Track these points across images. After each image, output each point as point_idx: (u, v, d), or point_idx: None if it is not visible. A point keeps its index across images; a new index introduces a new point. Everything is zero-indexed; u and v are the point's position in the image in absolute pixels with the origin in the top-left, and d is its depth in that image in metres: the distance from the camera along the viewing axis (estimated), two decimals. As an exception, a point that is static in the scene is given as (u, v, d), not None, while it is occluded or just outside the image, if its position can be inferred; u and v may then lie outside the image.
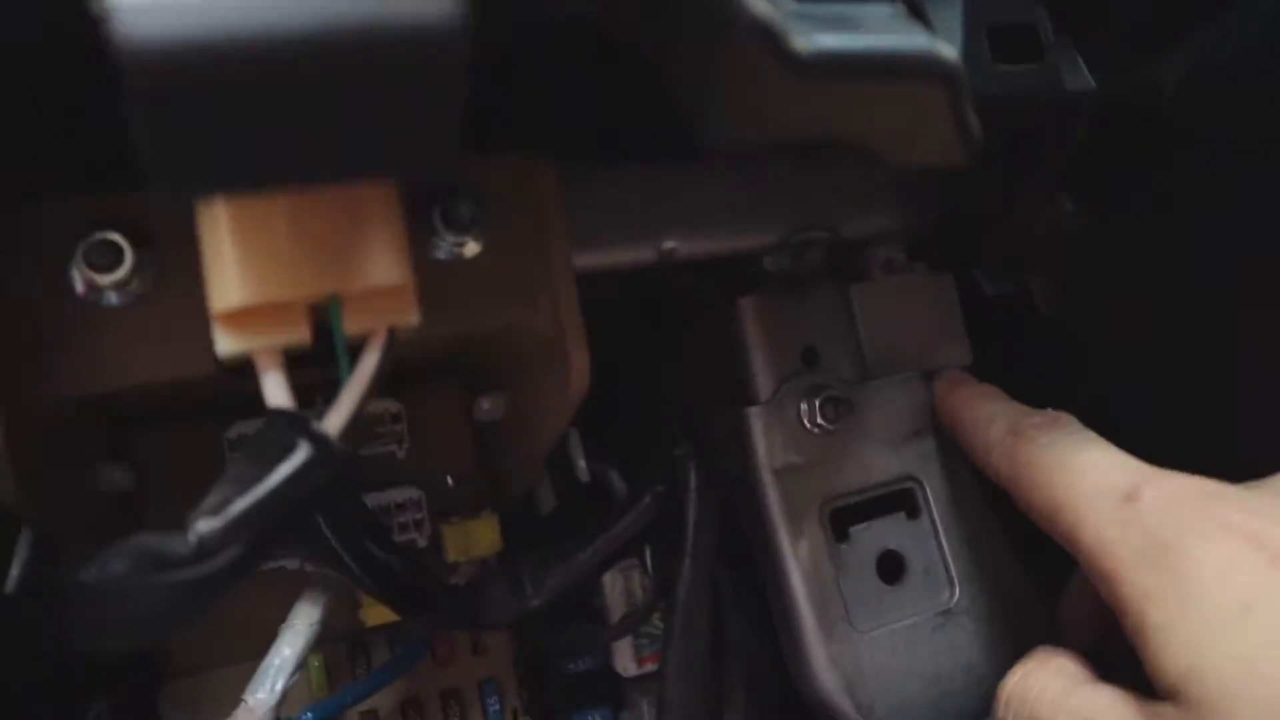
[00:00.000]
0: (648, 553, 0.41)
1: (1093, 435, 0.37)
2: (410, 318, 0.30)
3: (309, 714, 0.41)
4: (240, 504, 0.28)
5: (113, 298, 0.32)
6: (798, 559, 0.43)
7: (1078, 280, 0.53)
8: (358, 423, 0.29)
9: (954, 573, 0.46)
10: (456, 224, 0.36)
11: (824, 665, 0.42)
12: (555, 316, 0.37)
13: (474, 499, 0.49)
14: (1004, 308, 0.55)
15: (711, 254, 0.42)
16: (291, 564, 0.45)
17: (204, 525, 0.27)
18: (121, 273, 0.32)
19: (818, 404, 0.43)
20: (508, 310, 0.37)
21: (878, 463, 0.45)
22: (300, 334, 0.29)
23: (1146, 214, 0.45)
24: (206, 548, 0.27)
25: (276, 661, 0.40)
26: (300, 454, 0.28)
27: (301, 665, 0.41)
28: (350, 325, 0.29)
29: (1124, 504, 0.33)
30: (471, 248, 0.36)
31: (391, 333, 0.30)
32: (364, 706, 0.47)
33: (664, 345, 0.47)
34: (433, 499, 0.48)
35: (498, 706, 0.48)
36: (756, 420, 0.43)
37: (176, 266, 0.33)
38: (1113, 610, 0.34)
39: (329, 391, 0.30)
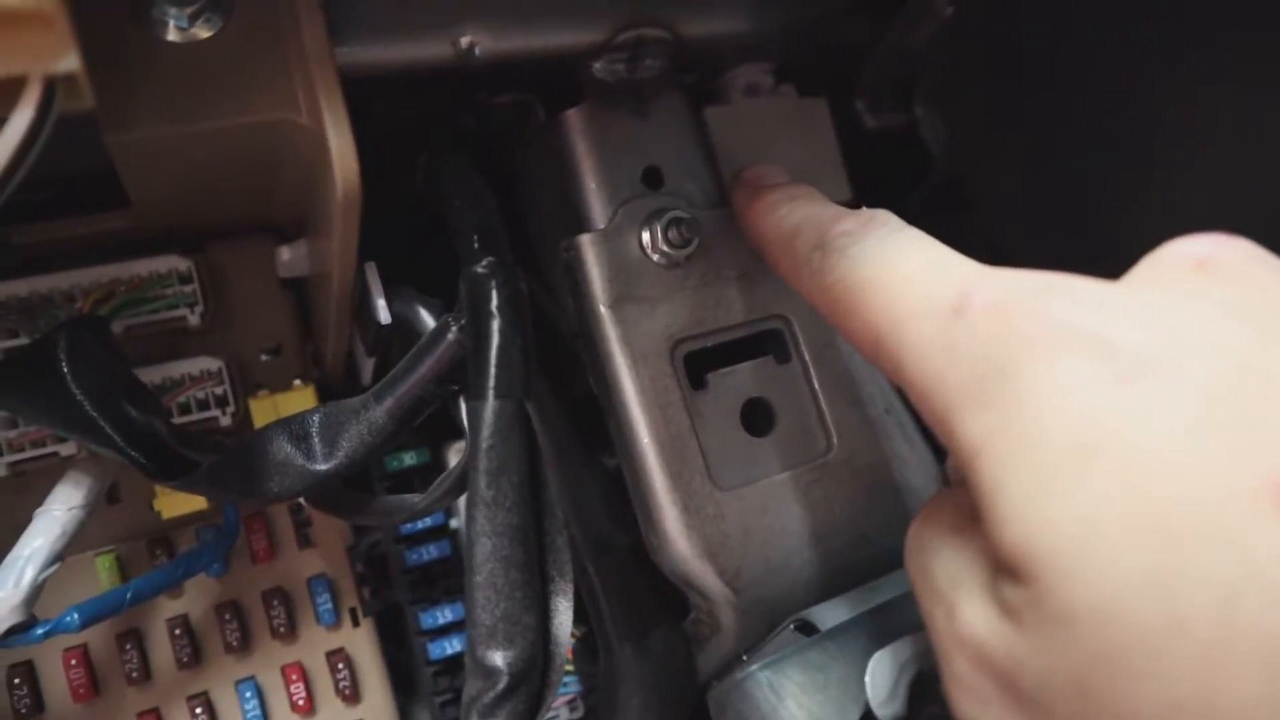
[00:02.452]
0: (462, 406, 0.35)
1: (917, 235, 0.29)
2: (65, 61, 0.23)
3: (74, 614, 0.34)
4: None
5: None
6: (645, 408, 0.37)
7: (967, 111, 0.47)
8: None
9: (829, 421, 0.40)
10: (176, -8, 0.29)
11: (679, 528, 0.37)
12: (316, 106, 0.30)
13: (293, 371, 0.43)
14: (892, 146, 0.49)
15: (522, 52, 0.36)
16: (67, 449, 0.39)
17: None
18: None
19: (660, 227, 0.38)
20: (260, 100, 0.31)
21: (737, 299, 0.40)
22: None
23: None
24: None
25: (25, 552, 0.34)
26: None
27: (60, 558, 0.34)
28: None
29: (952, 319, 0.24)
30: (205, 27, 0.30)
31: (50, 85, 0.23)
32: (172, 612, 0.41)
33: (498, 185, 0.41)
34: (242, 371, 0.42)
35: (330, 605, 0.43)
36: (589, 249, 0.37)
37: None
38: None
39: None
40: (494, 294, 0.32)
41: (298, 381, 0.42)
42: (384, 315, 0.36)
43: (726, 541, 0.37)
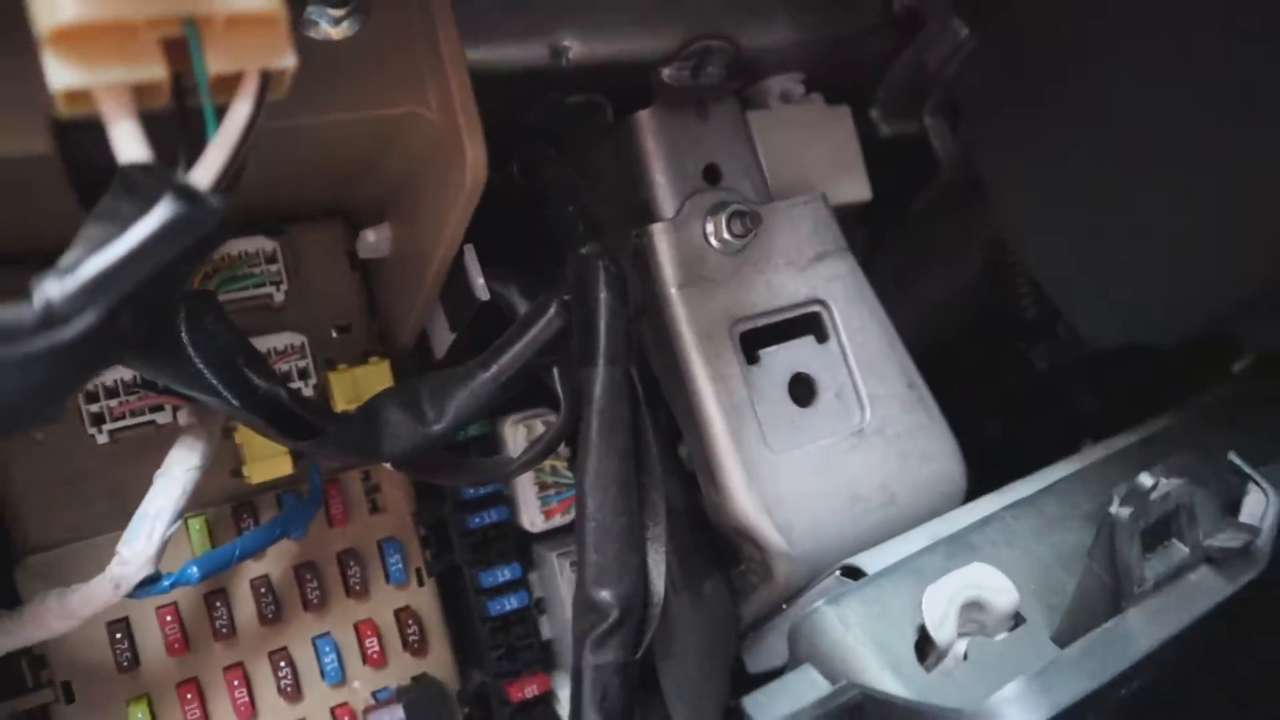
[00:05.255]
0: (555, 375, 0.38)
1: None
2: (284, 58, 0.26)
3: (193, 567, 0.37)
4: (95, 262, 0.24)
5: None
6: (711, 380, 0.41)
7: (976, 120, 0.52)
8: (227, 180, 0.26)
9: (863, 395, 0.45)
10: (329, -6, 0.32)
11: (743, 487, 0.41)
12: (447, 102, 0.34)
13: (361, 347, 0.46)
14: (904, 152, 0.55)
15: (608, 57, 0.40)
16: (162, 418, 0.41)
17: (51, 287, 0.24)
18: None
19: (724, 219, 0.42)
20: (391, 94, 0.34)
21: (784, 285, 0.44)
22: (152, 69, 0.25)
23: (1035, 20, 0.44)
24: (55, 314, 0.24)
25: (152, 510, 0.36)
26: (163, 208, 0.25)
27: (180, 516, 0.37)
28: (213, 63, 0.26)
29: None
30: (348, 25, 0.33)
31: (265, 78, 0.26)
32: (255, 572, 0.44)
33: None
34: (316, 347, 0.44)
35: (400, 565, 0.46)
36: (661, 237, 0.42)
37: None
38: None
39: (191, 149, 0.26)
40: (602, 273, 0.36)
41: (374, 357, 0.45)
42: (483, 293, 0.39)
43: (782, 500, 0.42)
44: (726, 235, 0.42)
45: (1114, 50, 0.41)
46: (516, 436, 0.47)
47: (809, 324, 0.45)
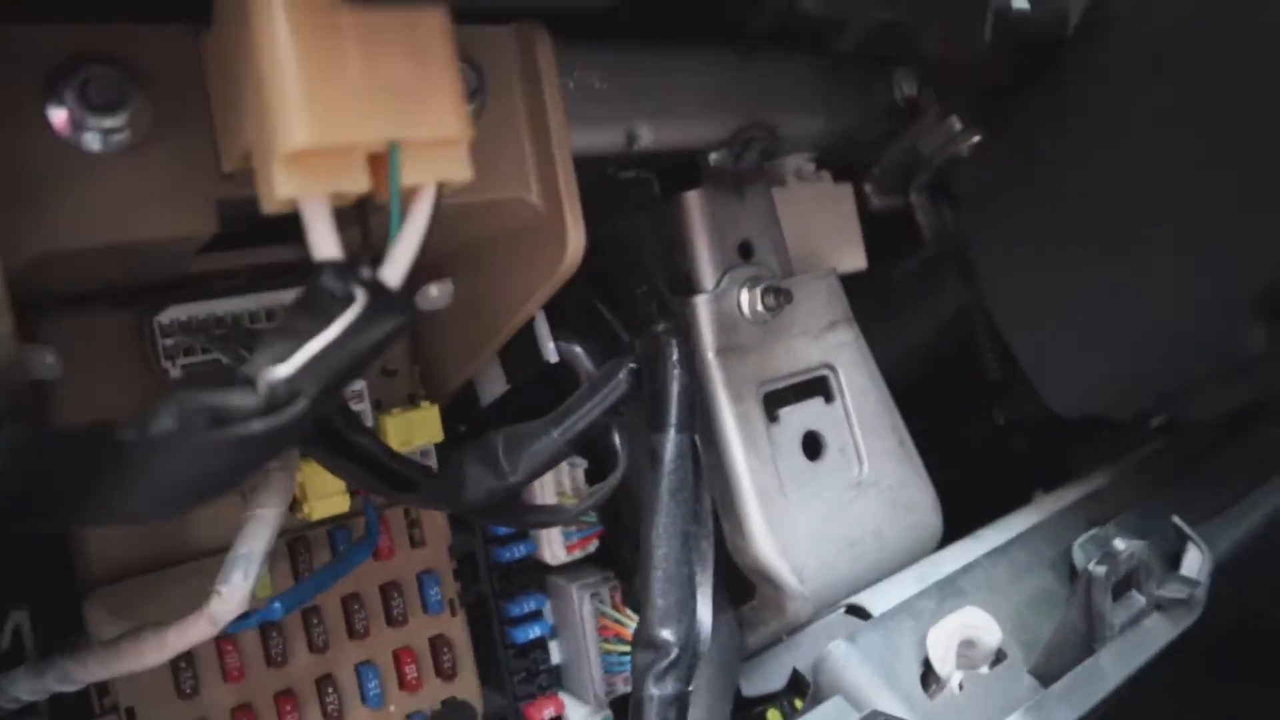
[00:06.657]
0: (614, 432, 0.42)
1: None
2: (463, 173, 0.30)
3: (276, 604, 0.39)
4: (308, 350, 0.27)
5: (96, 142, 0.30)
6: (742, 439, 0.46)
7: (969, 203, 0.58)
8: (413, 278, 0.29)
9: (862, 450, 0.51)
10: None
11: (764, 531, 0.46)
12: (551, 188, 0.37)
13: (406, 390, 0.49)
14: (891, 223, 0.61)
15: (670, 144, 0.44)
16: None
17: (275, 374, 0.27)
18: (123, 116, 0.29)
19: (759, 293, 0.47)
20: (499, 181, 0.37)
21: (801, 351, 0.50)
22: (358, 182, 0.28)
23: (1038, 132, 0.51)
24: (277, 399, 0.27)
25: (245, 550, 0.38)
26: (360, 302, 0.28)
27: (267, 553, 0.39)
28: (406, 177, 0.29)
29: None
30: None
31: (440, 188, 0.30)
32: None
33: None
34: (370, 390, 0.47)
35: (438, 595, 0.49)
36: (703, 308, 0.46)
37: (172, 111, 0.31)
38: None
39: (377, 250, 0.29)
40: (674, 350, 0.40)
41: (423, 401, 0.47)
42: (553, 356, 0.43)
43: (796, 545, 0.47)
44: (760, 307, 0.47)
45: (1097, 158, 0.48)
46: (545, 483, 0.51)
47: (818, 386, 0.51)
